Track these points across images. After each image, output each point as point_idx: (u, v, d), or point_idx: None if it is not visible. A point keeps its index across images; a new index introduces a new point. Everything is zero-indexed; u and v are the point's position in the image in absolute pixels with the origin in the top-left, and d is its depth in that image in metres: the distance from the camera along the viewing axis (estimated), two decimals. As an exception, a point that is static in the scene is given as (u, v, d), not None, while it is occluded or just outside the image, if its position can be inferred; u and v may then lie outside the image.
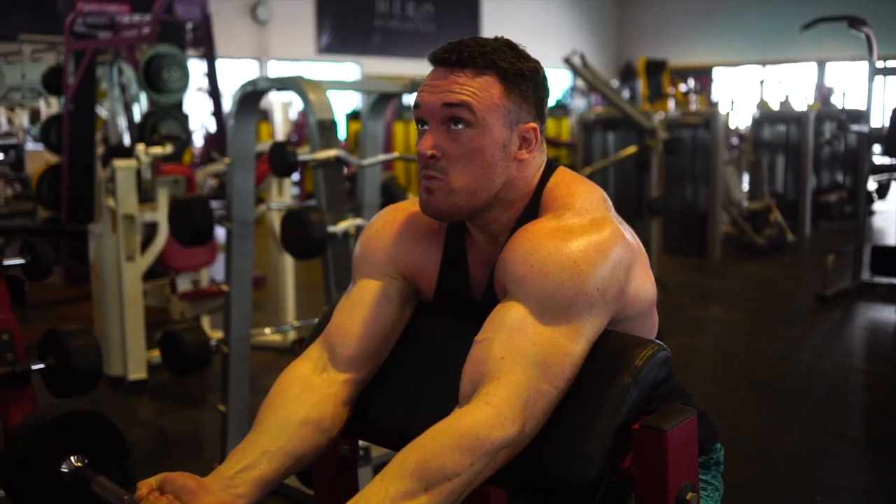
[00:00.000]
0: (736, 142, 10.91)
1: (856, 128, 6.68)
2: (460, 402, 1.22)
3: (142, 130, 5.41)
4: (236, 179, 3.18)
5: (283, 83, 3.04)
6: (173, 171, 4.69)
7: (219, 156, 3.36)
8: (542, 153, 1.37)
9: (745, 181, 9.04)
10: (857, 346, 5.21)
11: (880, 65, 6.37)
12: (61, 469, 1.41)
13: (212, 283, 5.03)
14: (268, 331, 3.72)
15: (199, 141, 11.27)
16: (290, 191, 5.14)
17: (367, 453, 2.89)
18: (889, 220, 9.90)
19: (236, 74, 13.02)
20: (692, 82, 14.47)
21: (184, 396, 4.29)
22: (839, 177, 9.58)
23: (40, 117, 9.46)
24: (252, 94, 3.10)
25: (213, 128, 7.26)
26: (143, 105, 6.65)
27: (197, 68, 7.26)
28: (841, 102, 12.77)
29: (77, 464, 1.40)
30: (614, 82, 14.62)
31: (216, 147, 6.04)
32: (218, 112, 6.56)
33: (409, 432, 1.24)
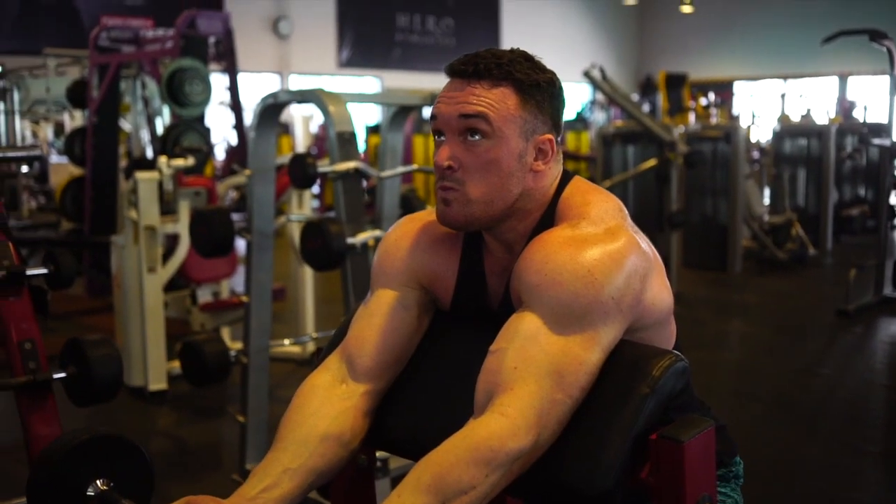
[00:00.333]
0: (757, 156, 10.86)
1: (878, 142, 6.62)
2: (475, 413, 1.23)
3: (164, 143, 5.47)
4: (257, 191, 3.20)
5: (303, 96, 3.06)
6: (195, 183, 4.73)
7: (240, 168, 3.38)
8: (557, 164, 1.38)
9: (766, 195, 9.00)
10: (878, 361, 5.16)
11: (902, 78, 6.32)
12: (87, 493, 1.42)
13: (232, 295, 5.06)
14: (287, 342, 3.73)
15: (221, 154, 11.36)
16: (310, 203, 5.16)
17: (385, 465, 2.88)
18: (912, 234, 9.82)
19: (258, 88, 13.11)
20: (712, 96, 14.43)
21: (203, 407, 4.31)
22: (861, 191, 9.51)
23: (64, 131, 9.57)
24: (273, 106, 3.13)
25: (234, 141, 7.31)
26: (166, 118, 6.72)
27: (219, 82, 7.33)
28: (863, 116, 12.69)
29: (103, 487, 1.41)
30: (634, 96, 14.61)
31: (237, 160, 6.09)
32: (239, 125, 6.61)
33: (425, 441, 1.25)
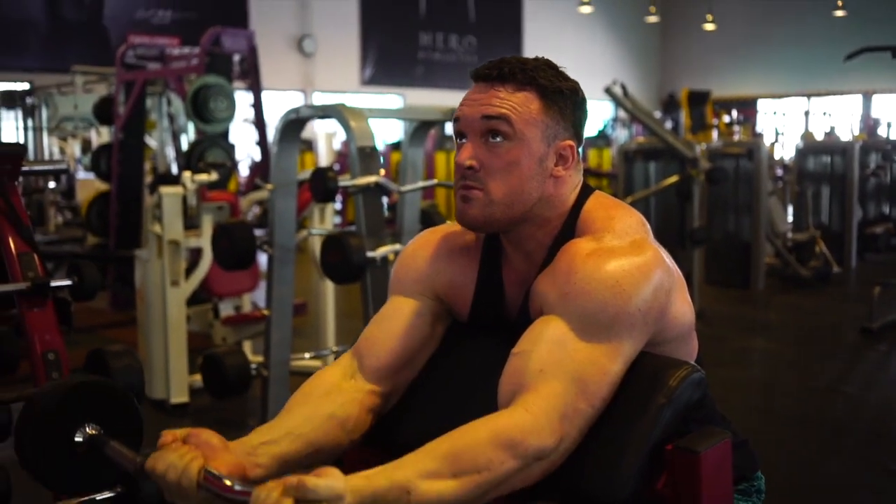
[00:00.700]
0: (781, 173, 10.81)
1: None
2: (499, 410, 1.23)
3: (188, 159, 5.52)
4: (278, 205, 3.23)
5: (325, 111, 3.10)
6: (218, 198, 4.77)
7: (262, 183, 3.42)
8: (577, 173, 1.38)
9: (789, 212, 8.95)
10: (903, 380, 5.11)
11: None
12: (75, 438, 1.43)
13: (254, 309, 5.09)
14: (307, 355, 3.75)
15: (245, 170, 11.45)
16: (332, 218, 5.19)
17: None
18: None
19: (282, 106, 13.23)
20: (735, 113, 14.39)
21: (224, 420, 4.33)
22: (885, 208, 9.44)
23: (91, 147, 9.70)
24: (295, 121, 3.16)
25: (258, 157, 7.39)
26: (191, 134, 6.80)
27: (244, 99, 7.41)
28: (887, 133, 12.60)
29: (91, 432, 1.42)
30: (657, 114, 14.59)
31: (261, 175, 6.14)
32: (263, 141, 6.67)
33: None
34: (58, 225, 10.17)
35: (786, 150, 12.93)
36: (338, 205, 10.63)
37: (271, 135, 6.99)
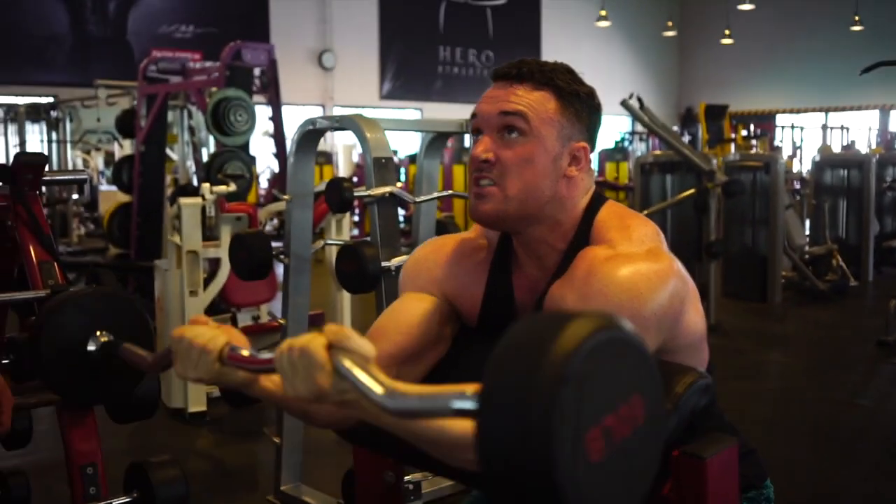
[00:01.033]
0: (798, 186, 10.78)
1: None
2: None
3: (208, 170, 5.59)
4: (295, 215, 3.27)
5: (340, 122, 3.13)
6: (236, 209, 4.82)
7: (280, 194, 3.47)
8: (590, 176, 1.40)
9: (807, 226, 8.91)
10: (920, 394, 5.08)
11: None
12: (89, 347, 1.44)
13: (271, 319, 5.13)
14: (323, 365, 3.77)
15: (265, 182, 11.55)
16: (349, 228, 5.24)
17: (418, 488, 2.90)
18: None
19: (301, 120, 13.33)
20: (753, 127, 14.36)
21: (241, 429, 4.36)
22: (902, 222, 9.40)
23: (114, 160, 9.83)
24: (311, 132, 3.20)
25: (277, 169, 7.46)
26: (212, 147, 6.87)
27: (264, 113, 7.49)
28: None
29: (103, 339, 1.44)
30: (674, 128, 14.59)
31: (279, 187, 6.21)
32: (282, 154, 6.73)
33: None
34: (80, 236, 10.29)
35: (804, 164, 12.87)
36: (356, 217, 10.69)
37: (290, 147, 7.05)
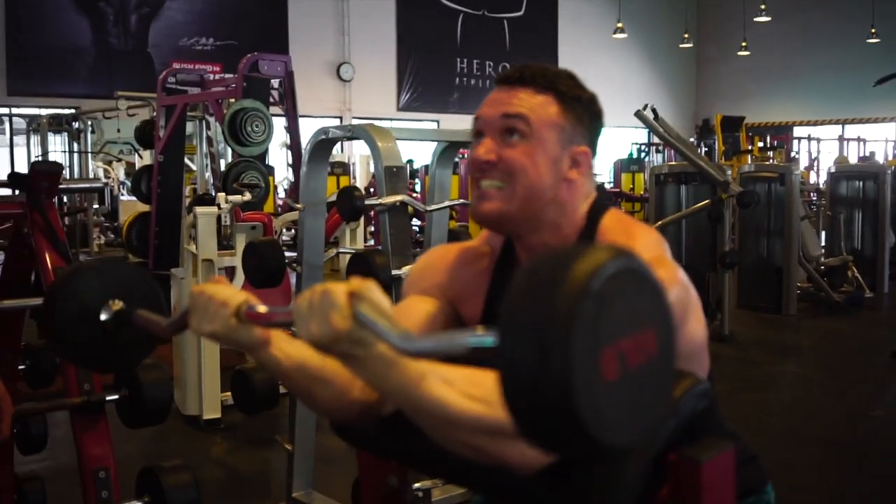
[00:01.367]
0: (815, 198, 10.73)
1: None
2: None
3: (225, 180, 5.64)
4: (308, 224, 3.30)
5: (352, 131, 3.16)
6: (251, 218, 4.86)
7: (294, 204, 3.50)
8: (590, 181, 1.41)
9: (822, 237, 8.87)
10: (935, 405, 5.04)
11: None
12: (101, 316, 1.46)
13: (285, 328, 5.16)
14: (335, 373, 3.78)
15: (282, 193, 11.62)
16: (362, 238, 5.27)
17: (428, 496, 2.91)
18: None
19: (318, 130, 13.39)
20: (769, 139, 14.31)
21: (255, 436, 4.39)
22: (919, 234, 9.31)
23: (135, 170, 9.94)
24: (324, 142, 3.23)
25: (293, 179, 7.51)
26: (230, 157, 6.93)
27: (282, 124, 7.55)
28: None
29: (116, 307, 1.45)
30: (691, 139, 14.55)
31: (294, 197, 6.25)
32: (298, 164, 6.78)
33: (439, 457, 1.27)
34: (100, 245, 10.40)
35: (820, 176, 12.82)
36: (372, 226, 10.73)
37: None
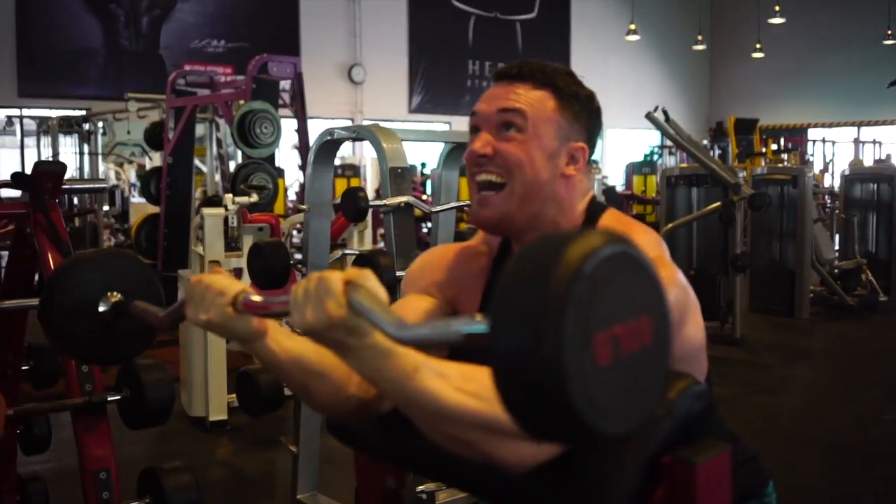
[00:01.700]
0: (829, 201, 10.66)
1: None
2: None
3: (234, 182, 5.64)
4: (313, 225, 3.28)
5: (358, 132, 3.15)
6: (259, 219, 4.86)
7: (300, 205, 3.49)
8: (587, 178, 1.40)
9: (836, 240, 8.81)
10: (947, 410, 4.99)
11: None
12: (100, 308, 1.45)
13: (291, 329, 5.15)
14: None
15: (293, 195, 11.62)
16: (369, 240, 5.25)
17: (432, 498, 2.88)
18: None
19: (329, 132, 13.41)
20: (783, 141, 14.23)
21: (261, 437, 4.38)
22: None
23: (147, 172, 9.97)
24: (329, 143, 3.22)
25: (303, 181, 7.51)
26: (240, 159, 6.94)
27: (292, 126, 7.55)
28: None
29: (114, 299, 1.45)
30: (704, 141, 14.48)
31: (301, 198, 6.25)
32: (306, 165, 6.78)
33: (435, 458, 1.25)
34: (110, 247, 10.44)
35: (835, 178, 12.73)
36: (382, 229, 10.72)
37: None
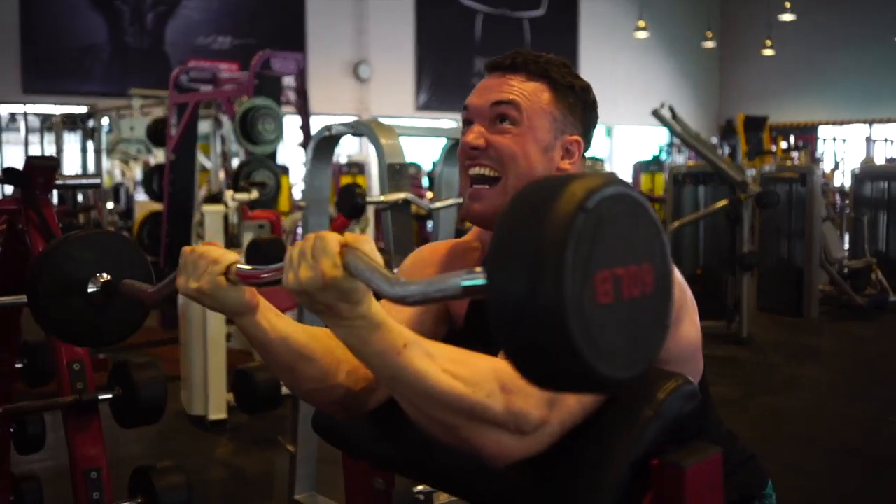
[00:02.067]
0: (839, 199, 10.58)
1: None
2: None
3: (236, 179, 5.61)
4: (311, 222, 3.25)
5: (355, 128, 3.12)
6: (259, 216, 4.84)
7: (300, 202, 3.46)
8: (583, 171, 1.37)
9: (846, 239, 8.74)
10: (957, 411, 4.92)
11: None
12: (89, 290, 1.44)
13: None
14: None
15: (299, 193, 11.61)
16: (372, 236, 5.22)
17: (430, 499, 2.85)
18: None
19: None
20: (793, 139, 14.15)
21: (260, 437, 4.36)
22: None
23: (152, 169, 9.96)
24: (327, 139, 3.19)
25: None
26: (243, 156, 6.92)
27: (296, 122, 7.52)
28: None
29: (103, 279, 1.43)
30: (713, 139, 14.41)
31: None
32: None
33: (423, 460, 1.23)
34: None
35: (846, 177, 12.65)
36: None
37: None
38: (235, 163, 7.17)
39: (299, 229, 7.41)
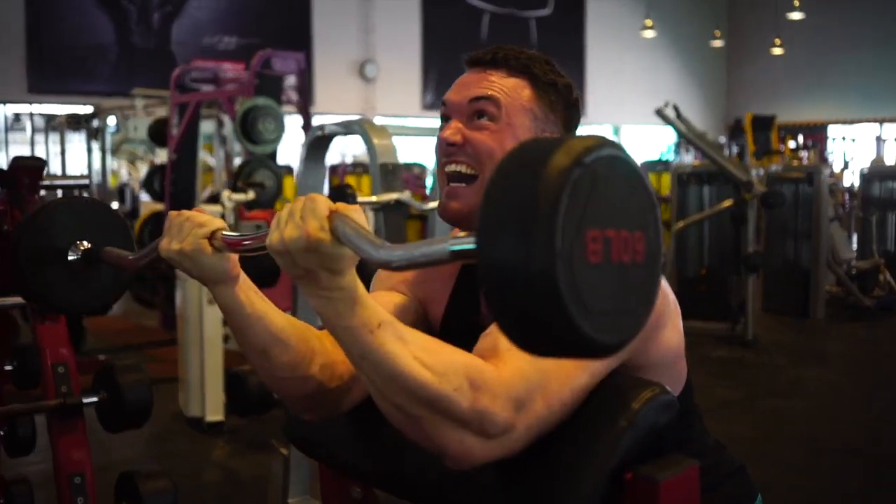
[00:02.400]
0: (848, 199, 10.51)
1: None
2: None
3: (236, 179, 5.59)
4: (304, 223, 3.22)
5: (348, 127, 3.08)
6: (256, 216, 4.81)
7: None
8: None
9: (854, 239, 8.67)
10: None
11: None
12: (69, 257, 1.43)
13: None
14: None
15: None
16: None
17: None
18: None
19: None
20: (802, 138, 14.06)
21: (256, 439, 4.32)
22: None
23: (156, 169, 9.97)
24: (321, 138, 3.16)
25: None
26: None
27: (297, 123, 7.50)
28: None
29: (83, 247, 1.43)
30: (721, 139, 14.35)
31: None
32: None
33: (396, 472, 1.19)
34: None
35: (855, 176, 12.57)
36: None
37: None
38: (238, 163, 7.15)
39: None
